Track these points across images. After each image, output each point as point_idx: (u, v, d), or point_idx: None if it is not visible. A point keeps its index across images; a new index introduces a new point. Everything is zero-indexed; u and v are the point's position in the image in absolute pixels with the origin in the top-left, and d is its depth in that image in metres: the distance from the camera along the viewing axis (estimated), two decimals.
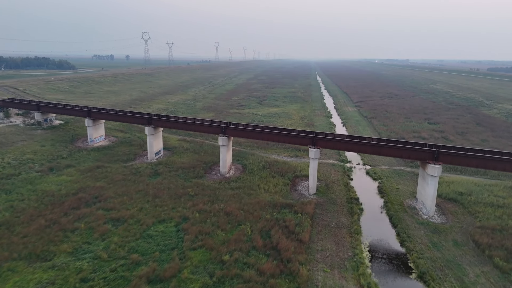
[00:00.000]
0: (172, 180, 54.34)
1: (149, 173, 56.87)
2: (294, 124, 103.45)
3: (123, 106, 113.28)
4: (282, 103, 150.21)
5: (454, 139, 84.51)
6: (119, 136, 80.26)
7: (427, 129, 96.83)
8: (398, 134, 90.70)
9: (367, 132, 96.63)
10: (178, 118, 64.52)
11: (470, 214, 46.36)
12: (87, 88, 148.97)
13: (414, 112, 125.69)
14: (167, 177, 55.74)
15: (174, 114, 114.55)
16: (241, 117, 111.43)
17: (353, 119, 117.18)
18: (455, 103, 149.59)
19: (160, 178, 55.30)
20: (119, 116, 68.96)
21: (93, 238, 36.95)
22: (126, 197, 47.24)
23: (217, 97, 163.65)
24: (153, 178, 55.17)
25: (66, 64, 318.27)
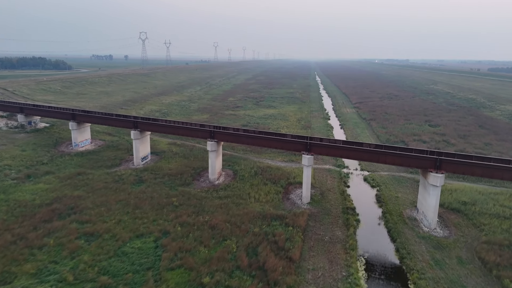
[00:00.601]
0: (156, 188, 50.96)
1: (132, 181, 53.47)
2: (291, 126, 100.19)
3: (114, 107, 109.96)
4: (279, 104, 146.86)
5: (456, 143, 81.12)
6: (107, 139, 76.89)
7: (428, 132, 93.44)
8: (398, 137, 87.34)
9: (365, 135, 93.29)
10: (166, 121, 61.19)
11: (475, 227, 43.00)
12: (80, 88, 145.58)
13: (414, 114, 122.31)
14: (151, 185, 52.36)
15: (167, 115, 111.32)
16: (236, 119, 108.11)
17: (351, 121, 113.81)
18: (456, 104, 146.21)
19: (144, 186, 51.92)
20: (104, 119, 65.62)
21: (62, 257, 33.57)
22: (105, 208, 43.86)
23: (213, 98, 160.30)
24: (137, 186, 51.78)
25: (62, 64, 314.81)
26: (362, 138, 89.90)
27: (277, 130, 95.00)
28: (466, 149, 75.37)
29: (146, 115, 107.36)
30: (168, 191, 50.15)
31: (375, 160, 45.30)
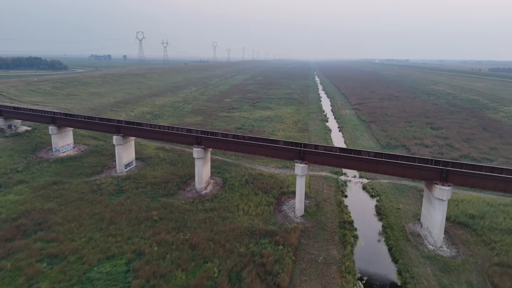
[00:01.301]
0: (136, 199, 46.81)
1: (111, 191, 49.31)
2: (287, 129, 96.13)
3: (104, 109, 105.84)
4: (276, 105, 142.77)
5: (460, 147, 76.97)
6: (91, 144, 72.75)
7: (430, 135, 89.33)
8: (399, 141, 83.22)
9: (364, 139, 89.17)
10: (150, 126, 57.01)
11: (485, 244, 38.89)
12: (71, 89, 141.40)
13: (415, 116, 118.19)
14: (132, 195, 48.21)
15: (159, 117, 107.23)
16: (230, 122, 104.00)
17: (350, 124, 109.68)
18: (458, 106, 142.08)
19: (124, 197, 47.76)
20: (86, 124, 61.45)
21: (17, 284, 29.44)
22: (76, 223, 39.72)
23: (209, 99, 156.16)
24: (115, 197, 47.63)
25: (58, 64, 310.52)
26: (361, 141, 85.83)
27: (272, 133, 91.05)
28: (471, 154, 71.30)
29: (136, 117, 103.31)
30: (149, 203, 46.00)
31: (374, 170, 41.13)
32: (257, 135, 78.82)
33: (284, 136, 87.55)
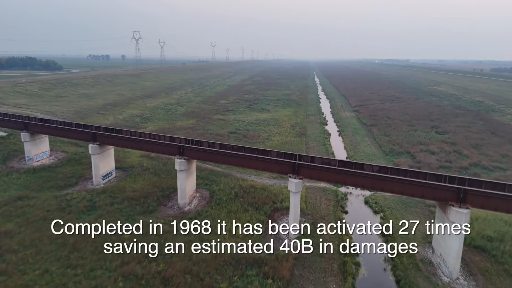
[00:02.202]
0: (109, 219, 41.32)
1: (82, 208, 43.85)
2: (284, 133, 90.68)
3: (90, 112, 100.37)
4: (273, 107, 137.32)
5: (469, 155, 71.51)
6: (71, 151, 67.27)
7: (436, 140, 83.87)
8: (402, 146, 77.72)
9: (366, 144, 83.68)
10: (130, 133, 51.53)
11: (508, 275, 33.43)
12: (60, 91, 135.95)
13: (419, 119, 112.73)
14: (104, 213, 42.77)
15: (149, 121, 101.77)
16: (224, 125, 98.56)
17: (350, 127, 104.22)
18: (462, 108, 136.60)
19: (95, 215, 42.32)
20: (60, 130, 55.98)
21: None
22: (33, 249, 34.29)
23: (204, 100, 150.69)
24: (85, 216, 42.20)
25: (52, 64, 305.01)
26: (362, 147, 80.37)
27: (268, 137, 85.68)
28: (482, 163, 65.85)
29: (124, 120, 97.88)
30: (124, 223, 40.51)
31: (379, 188, 35.73)
32: (247, 144, 73.41)
33: (280, 141, 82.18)
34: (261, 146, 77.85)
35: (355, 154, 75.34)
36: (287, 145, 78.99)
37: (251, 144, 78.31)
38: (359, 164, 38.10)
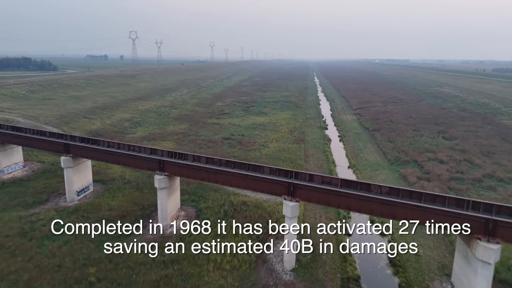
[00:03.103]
0: (75, 247, 35.86)
1: (47, 232, 38.28)
2: (281, 139, 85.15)
3: (76, 116, 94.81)
4: (271, 110, 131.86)
5: (481, 164, 66.01)
6: (48, 161, 61.76)
7: (444, 147, 78.36)
8: (408, 154, 72.19)
9: (369, 151, 78.15)
10: (109, 144, 45.97)
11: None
12: (49, 93, 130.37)
13: (424, 122, 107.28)
14: (72, 239, 37.24)
15: (139, 125, 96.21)
16: (218, 130, 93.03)
17: (352, 132, 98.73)
18: (468, 110, 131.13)
19: (61, 241, 36.81)
20: (31, 140, 50.41)
21: None
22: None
23: (199, 102, 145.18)
24: (50, 242, 36.70)
25: (47, 64, 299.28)
26: (365, 155, 74.87)
27: (264, 144, 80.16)
28: (496, 174, 60.31)
29: (112, 125, 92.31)
30: (91, 252, 35.08)
31: (390, 215, 30.21)
32: (242, 152, 67.84)
33: (277, 148, 76.67)
34: (257, 153, 72.46)
35: (358, 162, 69.86)
36: (285, 152, 73.52)
37: (246, 152, 72.98)
38: (365, 184, 32.54)
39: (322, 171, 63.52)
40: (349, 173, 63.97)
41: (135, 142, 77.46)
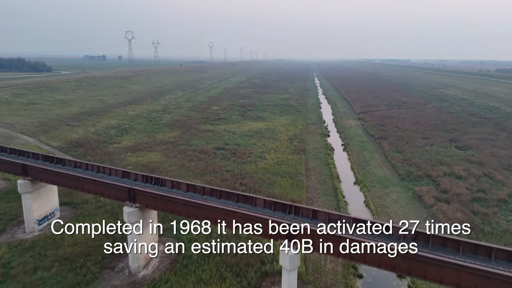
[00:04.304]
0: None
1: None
2: (280, 149, 77.97)
3: (59, 123, 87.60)
4: (270, 114, 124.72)
5: (503, 180, 58.77)
6: (15, 178, 54.40)
7: (458, 159, 71.17)
8: (421, 168, 64.99)
9: (376, 164, 70.95)
10: (75, 164, 38.79)
11: None
12: (34, 97, 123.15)
13: (433, 129, 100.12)
14: (19, 287, 30.06)
15: (126, 133, 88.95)
16: (212, 139, 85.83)
17: (356, 140, 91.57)
18: (478, 115, 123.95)
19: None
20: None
21: None
22: None
23: (194, 106, 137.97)
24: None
25: (41, 66, 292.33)
26: (372, 168, 67.70)
27: (261, 155, 73.07)
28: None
29: (97, 133, 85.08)
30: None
31: (421, 274, 22.92)
32: (230, 173, 60.22)
33: (276, 160, 69.49)
34: (253, 167, 65.30)
35: (365, 178, 62.70)
36: (284, 165, 66.36)
37: (240, 165, 65.85)
38: (387, 226, 25.29)
39: (326, 189, 56.41)
40: (356, 192, 56.79)
41: (119, 153, 70.47)
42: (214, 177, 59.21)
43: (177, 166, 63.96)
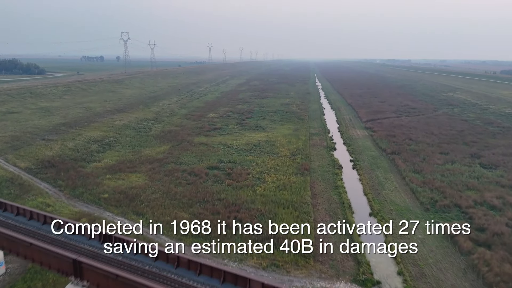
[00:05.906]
0: None
1: None
2: (281, 168, 68.72)
3: (33, 137, 78.35)
4: (270, 122, 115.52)
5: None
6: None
7: (487, 182, 61.82)
8: (447, 195, 55.57)
9: (392, 187, 61.61)
10: (18, 211, 29.57)
11: None
12: (15, 104, 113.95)
13: (450, 141, 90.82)
14: None
15: (110, 148, 79.66)
16: (205, 153, 76.62)
17: (366, 154, 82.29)
18: (495, 123, 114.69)
19: None
20: None
21: None
22: None
23: (189, 113, 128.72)
24: None
25: (34, 68, 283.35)
26: (388, 193, 58.42)
27: (260, 176, 64.00)
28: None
29: (75, 149, 75.76)
30: None
31: None
32: (224, 202, 50.01)
33: (277, 184, 60.18)
34: (250, 193, 56.08)
35: (382, 207, 53.43)
36: (286, 191, 57.09)
37: (236, 191, 56.63)
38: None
39: (337, 226, 46.99)
40: (372, 228, 47.37)
41: (96, 175, 61.29)
42: (203, 208, 50.02)
43: (161, 193, 54.74)
